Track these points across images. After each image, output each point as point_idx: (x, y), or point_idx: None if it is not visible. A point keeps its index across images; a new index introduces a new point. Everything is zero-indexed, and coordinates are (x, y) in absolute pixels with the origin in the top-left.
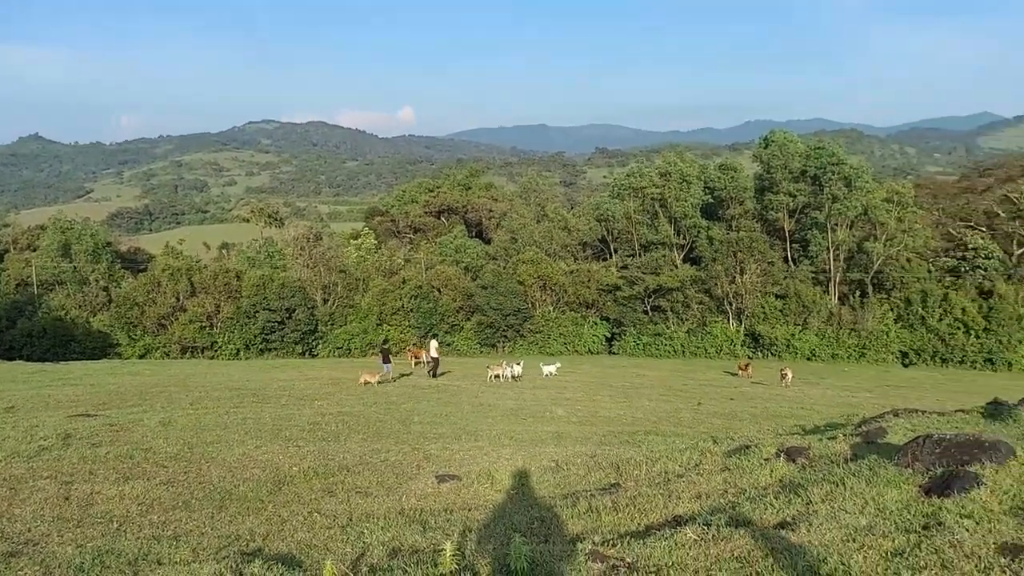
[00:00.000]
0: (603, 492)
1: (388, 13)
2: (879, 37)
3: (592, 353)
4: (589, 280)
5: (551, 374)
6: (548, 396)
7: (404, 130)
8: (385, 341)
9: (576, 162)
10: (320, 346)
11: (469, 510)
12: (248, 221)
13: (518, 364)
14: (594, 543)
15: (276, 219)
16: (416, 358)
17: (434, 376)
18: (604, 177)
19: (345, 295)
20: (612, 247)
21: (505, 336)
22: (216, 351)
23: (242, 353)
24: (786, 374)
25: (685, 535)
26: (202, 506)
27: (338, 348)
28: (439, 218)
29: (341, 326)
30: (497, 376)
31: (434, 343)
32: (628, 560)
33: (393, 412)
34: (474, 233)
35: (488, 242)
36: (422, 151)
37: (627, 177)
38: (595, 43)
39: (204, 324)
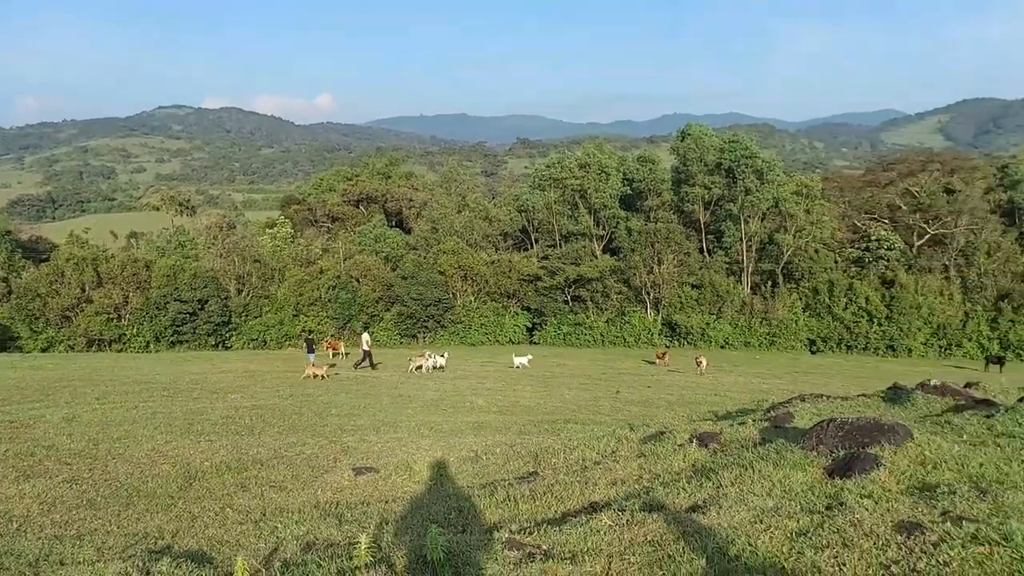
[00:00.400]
0: (521, 481)
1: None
2: (791, 35)
3: (513, 343)
4: (510, 270)
5: (523, 365)
6: (468, 386)
7: (322, 117)
8: (309, 332)
9: (497, 152)
10: (234, 338)
11: (386, 502)
12: (158, 209)
13: (442, 355)
14: (511, 531)
15: (188, 207)
16: (334, 350)
17: (372, 367)
18: (525, 167)
19: (260, 285)
20: (533, 237)
21: (426, 327)
22: (124, 344)
23: (152, 346)
24: (701, 362)
25: (600, 521)
26: (108, 504)
27: (253, 340)
28: (358, 207)
29: (256, 317)
30: (419, 367)
31: (366, 335)
32: (544, 547)
33: (310, 404)
34: (394, 223)
35: (408, 232)
36: (341, 139)
37: (547, 168)
38: (514, 30)
39: (111, 316)
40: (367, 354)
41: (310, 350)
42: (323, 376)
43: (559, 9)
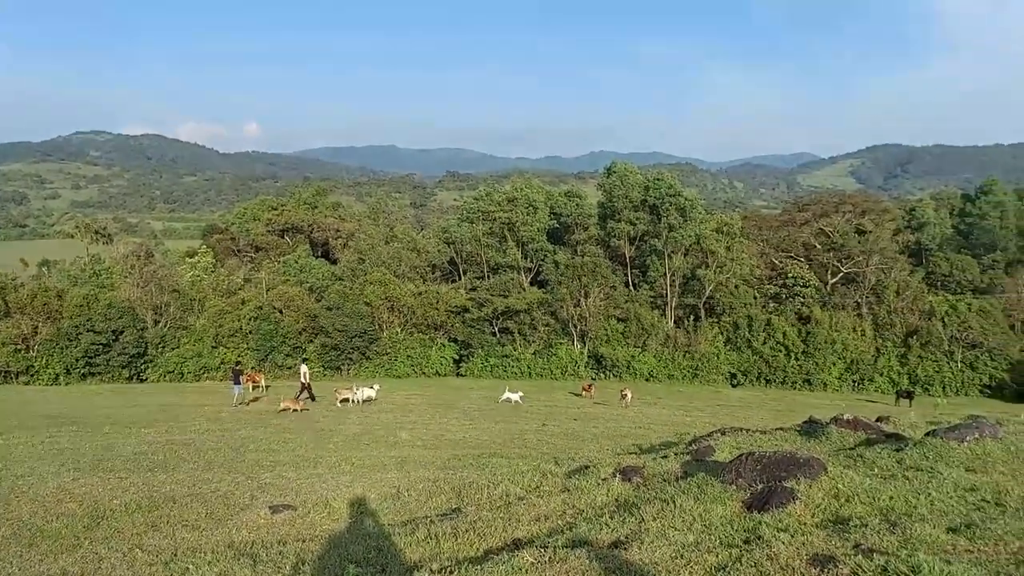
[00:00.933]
0: (443, 518)
1: (234, 24)
2: (713, 79)
3: (440, 375)
4: (438, 302)
5: (516, 401)
6: (394, 420)
7: (249, 145)
8: (237, 363)
9: (427, 184)
10: (150, 370)
11: (304, 541)
12: (72, 237)
13: (372, 387)
14: (431, 571)
15: (104, 235)
16: (254, 382)
17: (311, 399)
18: (454, 200)
19: (178, 316)
20: (461, 269)
21: (350, 358)
22: (32, 376)
23: (62, 378)
24: (626, 394)
25: (523, 558)
26: (8, 544)
27: (169, 372)
28: (283, 237)
29: (173, 349)
30: (345, 400)
31: (304, 368)
32: None
33: (227, 440)
34: (320, 253)
35: (334, 262)
36: (267, 168)
37: (476, 200)
38: (447, 63)
39: (19, 347)
40: (305, 387)
41: (236, 381)
42: (299, 409)
43: (490, 45)
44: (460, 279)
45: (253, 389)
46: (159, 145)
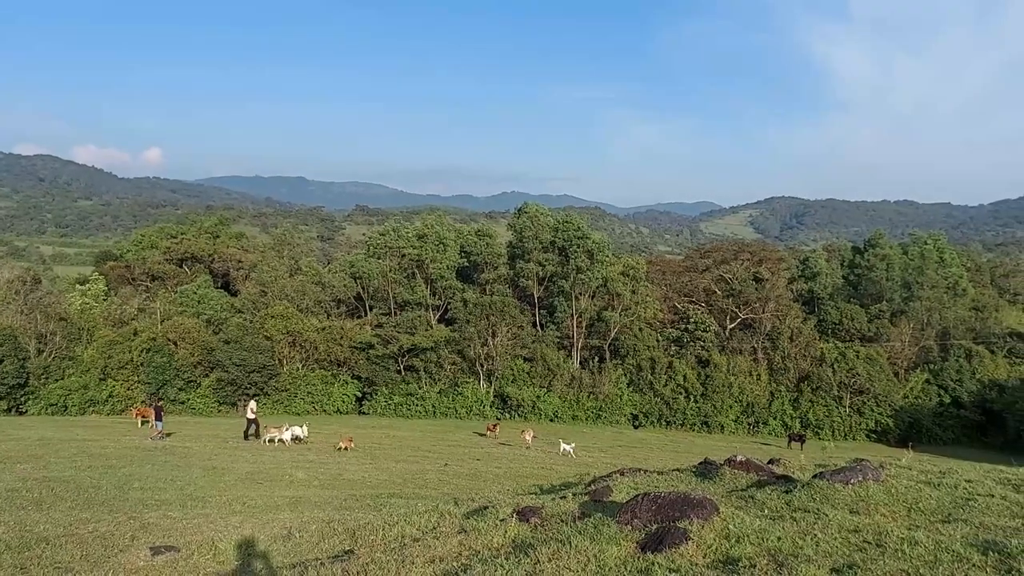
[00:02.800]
0: (335, 560)
1: (136, 46)
2: (622, 128)
3: (341, 413)
4: (342, 337)
5: (568, 452)
6: (290, 458)
7: (149, 171)
8: (160, 398)
9: (335, 218)
10: (30, 402)
11: None
12: None
13: (300, 427)
14: None
15: None
16: (143, 417)
17: (257, 436)
18: (363, 234)
19: (64, 346)
20: (368, 305)
21: (248, 394)
22: None
23: None
24: (526, 436)
25: None
26: None
27: (52, 405)
28: (181, 266)
29: (57, 380)
30: (272, 440)
31: (252, 404)
32: None
33: (110, 477)
34: (220, 284)
35: (235, 294)
36: (168, 195)
37: (384, 236)
38: (359, 97)
39: None
40: (251, 422)
41: (158, 417)
42: (283, 440)
43: (400, 83)
44: (366, 315)
45: (141, 424)
46: (53, 167)
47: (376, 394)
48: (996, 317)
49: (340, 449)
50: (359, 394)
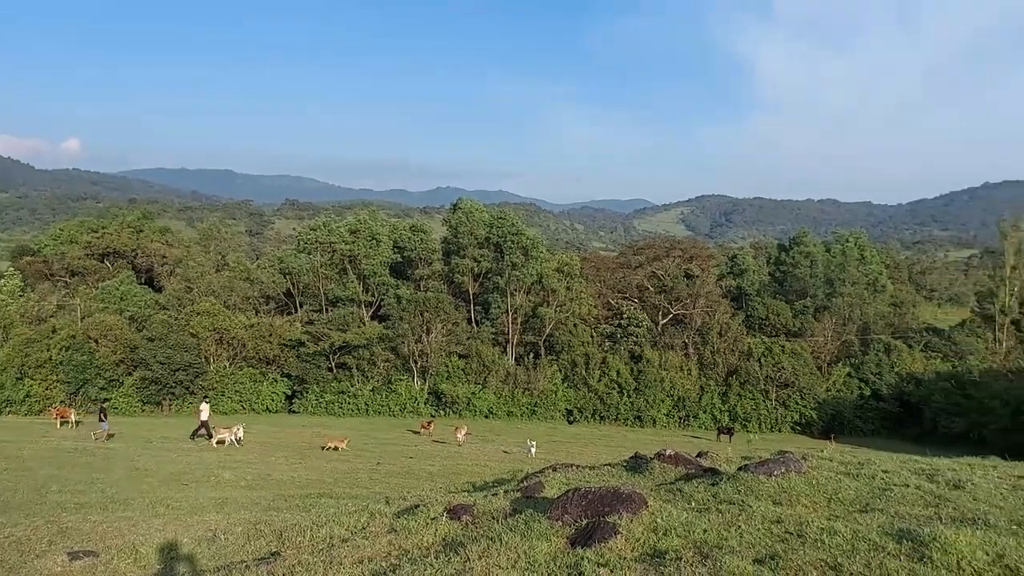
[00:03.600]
0: (261, 562)
1: (56, 32)
2: (560, 125)
3: (271, 412)
4: (271, 335)
5: (531, 453)
6: (216, 459)
7: (69, 163)
8: (104, 400)
9: (264, 212)
10: None
11: None
12: None
13: (239, 427)
14: None
15: None
16: (62, 418)
17: (209, 437)
18: (293, 229)
19: None
20: (298, 301)
21: (173, 393)
22: None
23: None
24: (459, 432)
25: None
26: None
27: None
28: (103, 262)
29: None
30: (221, 441)
31: (205, 405)
32: None
33: (27, 479)
34: (144, 280)
35: (159, 290)
36: (89, 187)
37: (314, 231)
38: (288, 88)
39: None
40: (204, 424)
41: (102, 418)
42: (234, 440)
43: (335, 75)
44: (296, 312)
45: (61, 425)
46: None
47: (307, 392)
48: (913, 313)
49: (330, 448)
50: (289, 392)
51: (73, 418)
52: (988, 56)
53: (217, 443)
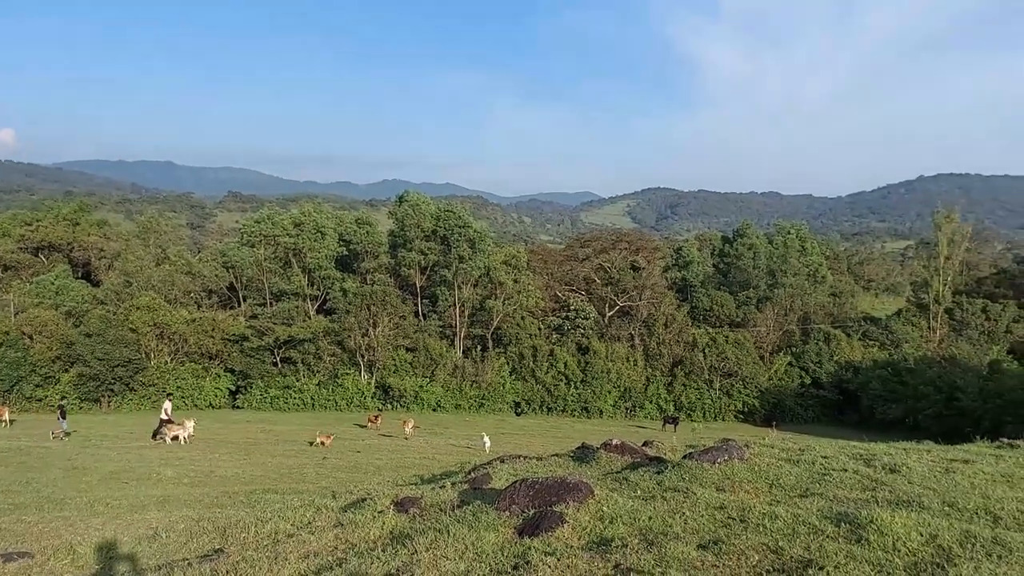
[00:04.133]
0: (203, 560)
1: None
2: (504, 116)
3: (214, 408)
4: (214, 329)
5: (486, 446)
6: (158, 456)
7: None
8: (63, 398)
9: (206, 204)
10: None
11: None
12: None
13: (191, 423)
14: None
15: None
16: None
17: (162, 438)
18: (236, 222)
19: None
20: (241, 295)
21: (112, 390)
22: None
23: None
24: (406, 426)
25: None
26: None
27: None
28: (37, 255)
29: None
30: (176, 438)
31: (168, 404)
32: None
33: None
34: (80, 274)
35: (97, 285)
36: (22, 179)
37: (257, 224)
38: (229, 78)
39: None
40: (164, 423)
41: (62, 415)
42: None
43: (278, 65)
44: (239, 306)
45: None
46: None
47: (251, 387)
48: (852, 303)
49: (319, 444)
50: (233, 388)
51: (7, 416)
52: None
53: (172, 439)
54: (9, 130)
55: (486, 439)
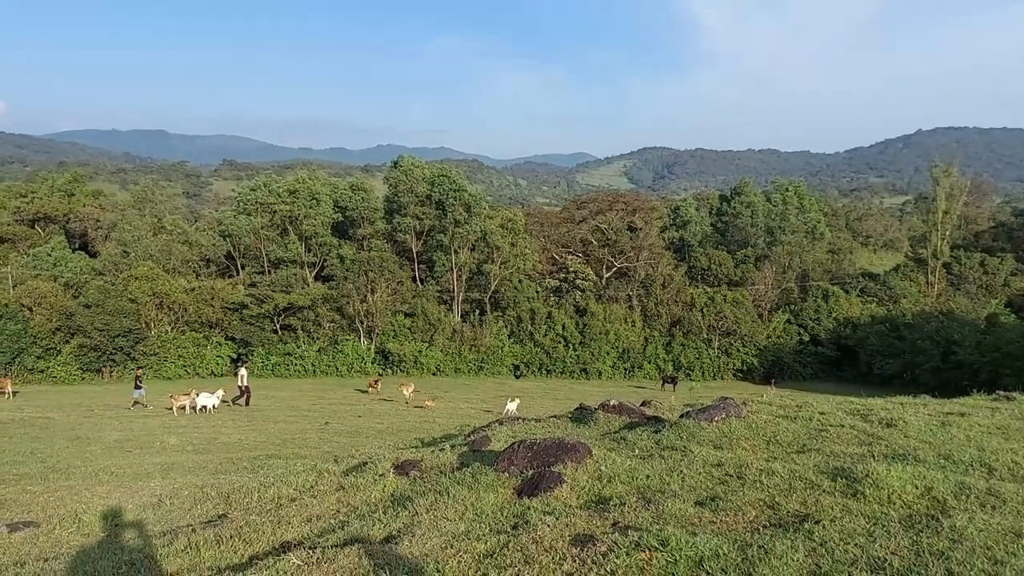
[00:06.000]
0: (207, 525)
1: None
2: (498, 79)
3: (216, 376)
4: (213, 298)
5: (511, 412)
6: (161, 424)
7: None
8: (139, 367)
9: (201, 173)
10: None
11: (46, 560)
12: None
13: (213, 393)
14: None
15: None
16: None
17: (246, 404)
18: (232, 190)
19: None
20: (239, 264)
21: (113, 360)
22: None
23: None
24: (404, 389)
25: (289, 561)
26: None
27: None
28: (33, 227)
29: None
30: (183, 408)
31: (243, 371)
32: None
33: None
34: (77, 245)
35: (94, 255)
36: (14, 150)
37: (253, 191)
38: (224, 43)
39: None
40: (243, 390)
41: (138, 385)
42: (205, 407)
43: (272, 30)
44: (238, 274)
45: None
46: None
47: (252, 355)
48: (850, 259)
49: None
50: (234, 355)
51: (10, 388)
52: (920, 5)
53: (178, 410)
54: None
55: (512, 404)
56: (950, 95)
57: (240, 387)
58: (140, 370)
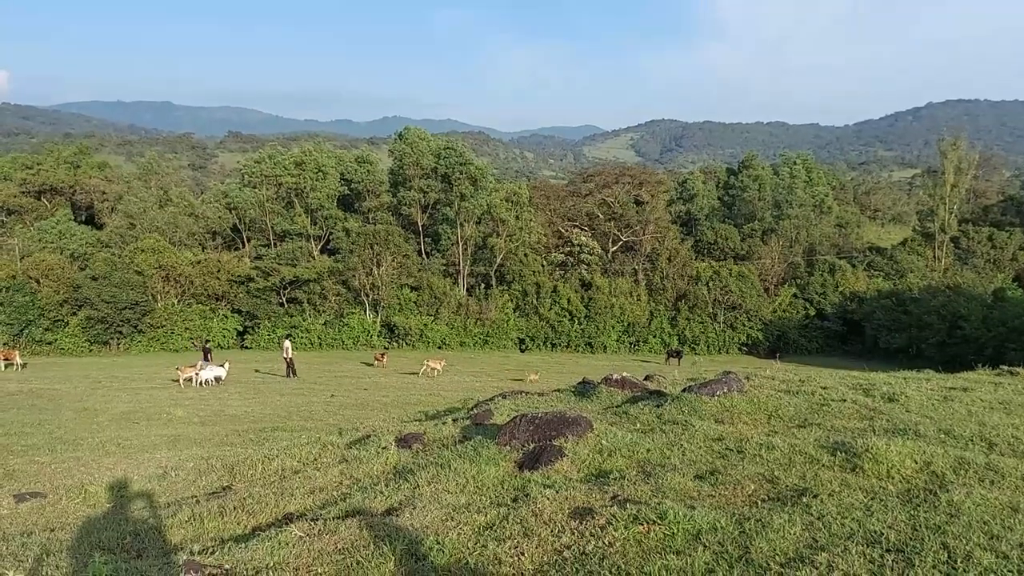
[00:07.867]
0: (212, 497)
1: None
2: (505, 51)
3: (223, 348)
4: (219, 271)
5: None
6: (168, 396)
7: None
8: (208, 340)
9: (207, 144)
10: None
11: (52, 530)
12: None
13: (221, 366)
14: (192, 552)
15: None
16: (7, 360)
17: (294, 375)
18: (238, 162)
19: None
20: (245, 236)
21: (120, 332)
22: None
23: None
24: (432, 363)
25: (291, 533)
26: None
27: None
28: (40, 199)
29: None
30: (189, 380)
31: (288, 343)
32: (227, 566)
33: None
34: (84, 217)
35: (100, 228)
36: (20, 122)
37: (259, 164)
38: (228, 13)
39: None
40: (289, 362)
41: (205, 358)
42: (205, 381)
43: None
44: (244, 247)
45: (6, 367)
46: None
47: (258, 328)
48: (857, 233)
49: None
50: (240, 328)
51: (18, 360)
52: None
53: (185, 381)
54: (3, 72)
55: (532, 376)
56: (961, 67)
57: (286, 358)
58: (209, 343)
